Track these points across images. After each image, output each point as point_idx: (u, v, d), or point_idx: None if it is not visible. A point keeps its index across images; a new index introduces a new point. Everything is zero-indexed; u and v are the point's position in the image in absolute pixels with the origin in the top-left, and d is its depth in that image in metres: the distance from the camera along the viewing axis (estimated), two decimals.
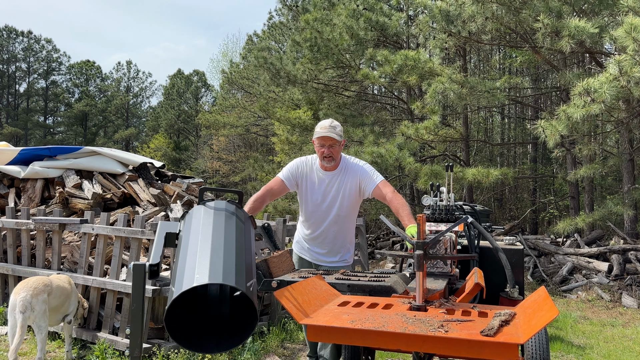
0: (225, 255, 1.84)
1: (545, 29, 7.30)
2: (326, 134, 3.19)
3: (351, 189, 3.37)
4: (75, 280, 4.63)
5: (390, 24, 11.03)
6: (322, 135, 3.21)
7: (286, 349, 4.67)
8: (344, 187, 3.35)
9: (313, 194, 3.36)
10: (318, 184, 3.35)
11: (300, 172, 3.36)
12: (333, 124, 3.27)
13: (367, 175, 3.39)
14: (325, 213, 3.35)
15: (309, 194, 3.36)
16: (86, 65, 52.05)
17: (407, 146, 9.49)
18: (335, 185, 3.35)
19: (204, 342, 1.83)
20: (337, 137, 3.22)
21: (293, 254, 3.53)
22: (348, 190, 3.36)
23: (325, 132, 3.20)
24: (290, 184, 3.34)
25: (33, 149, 6.43)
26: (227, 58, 31.06)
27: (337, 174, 3.36)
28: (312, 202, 3.35)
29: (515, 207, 17.60)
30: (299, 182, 3.37)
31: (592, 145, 9.33)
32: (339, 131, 3.27)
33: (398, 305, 1.99)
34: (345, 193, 3.35)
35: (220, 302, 1.96)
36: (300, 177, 3.36)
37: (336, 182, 3.35)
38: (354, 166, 3.43)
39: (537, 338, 2.89)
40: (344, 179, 3.37)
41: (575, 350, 4.99)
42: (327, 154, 3.24)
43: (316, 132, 3.27)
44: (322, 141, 3.23)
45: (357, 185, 3.37)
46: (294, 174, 3.35)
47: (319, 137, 3.23)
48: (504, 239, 5.04)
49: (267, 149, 22.91)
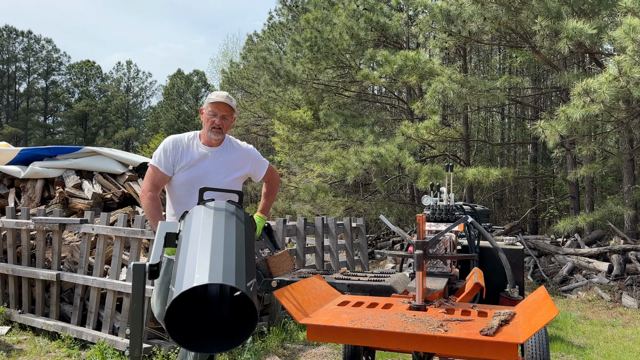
0: (225, 255, 1.84)
1: (544, 31, 7.30)
2: (223, 101, 2.90)
3: (237, 169, 3.07)
4: (75, 280, 4.63)
5: (391, 24, 11.03)
6: (217, 101, 2.90)
7: (286, 349, 4.67)
8: (229, 165, 3.03)
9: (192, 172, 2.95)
10: (199, 161, 2.97)
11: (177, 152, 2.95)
12: (230, 96, 3.00)
13: (258, 159, 3.19)
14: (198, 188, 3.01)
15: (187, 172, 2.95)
16: (86, 65, 52.04)
17: (407, 146, 9.49)
18: (219, 161, 3.00)
19: (204, 342, 1.83)
20: (232, 107, 2.95)
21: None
22: (234, 170, 3.05)
23: (222, 99, 2.91)
24: (168, 170, 2.93)
25: (33, 149, 6.42)
26: (227, 58, 31.04)
27: (221, 151, 3.02)
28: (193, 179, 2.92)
29: (515, 207, 17.60)
30: (177, 163, 2.95)
31: (592, 145, 9.33)
32: (234, 104, 2.99)
33: (398, 305, 1.99)
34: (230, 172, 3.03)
35: (221, 302, 1.96)
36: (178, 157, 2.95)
37: (220, 159, 3.01)
38: (242, 146, 3.16)
39: (537, 338, 2.89)
40: (229, 157, 3.05)
41: (575, 350, 4.99)
42: (217, 124, 2.91)
43: (210, 99, 2.95)
44: (215, 109, 2.91)
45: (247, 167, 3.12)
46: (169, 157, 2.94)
47: (214, 103, 2.91)
48: (504, 239, 5.04)
49: (267, 149, 22.91)
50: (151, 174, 2.96)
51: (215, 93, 2.99)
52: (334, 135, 11.67)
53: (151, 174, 2.96)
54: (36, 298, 4.98)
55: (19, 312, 5.00)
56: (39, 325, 4.75)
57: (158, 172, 2.94)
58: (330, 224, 6.10)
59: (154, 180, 2.94)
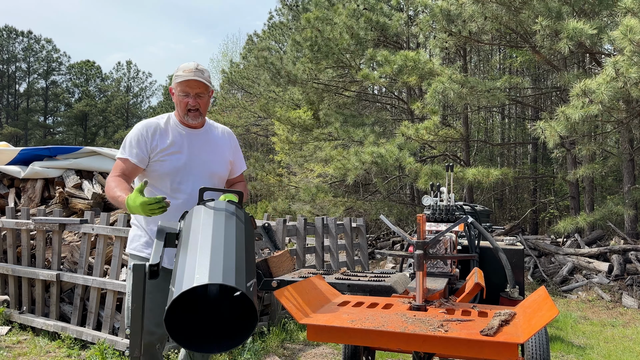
0: (226, 255, 1.84)
1: (544, 31, 7.30)
2: (192, 78, 2.38)
3: (222, 156, 2.64)
4: (75, 280, 4.63)
5: (391, 24, 11.04)
6: (187, 79, 2.39)
7: (286, 349, 4.67)
8: (215, 149, 2.61)
9: (172, 161, 2.49)
10: (177, 146, 2.50)
11: (151, 140, 2.48)
12: (200, 67, 2.46)
13: (240, 152, 2.79)
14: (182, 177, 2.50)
15: (169, 158, 2.49)
16: (86, 65, 52.06)
17: (408, 146, 9.49)
18: (203, 145, 2.56)
19: (204, 342, 1.84)
20: (206, 82, 2.43)
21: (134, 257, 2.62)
22: (219, 154, 2.62)
23: (192, 75, 2.39)
24: (142, 161, 2.47)
25: (33, 149, 6.42)
26: (227, 58, 31.00)
27: (203, 134, 2.58)
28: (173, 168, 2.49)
29: (516, 207, 17.60)
30: (153, 151, 2.48)
31: (592, 145, 9.34)
32: (207, 77, 2.47)
33: (398, 305, 1.99)
34: (215, 156, 2.60)
35: (221, 302, 1.97)
36: (155, 144, 2.48)
37: (204, 142, 2.57)
38: (226, 131, 2.73)
39: (537, 338, 2.89)
40: (214, 140, 2.62)
41: (575, 351, 4.98)
42: (192, 105, 2.44)
43: (177, 77, 2.43)
44: (186, 88, 2.41)
45: (230, 155, 2.69)
46: (144, 146, 2.47)
47: (183, 82, 2.40)
48: (504, 239, 5.04)
49: (267, 149, 22.92)
50: (120, 165, 2.46)
51: (182, 67, 2.46)
52: (334, 135, 11.68)
53: (120, 166, 2.46)
54: (36, 298, 4.98)
55: (19, 312, 5.00)
56: (39, 326, 4.76)
57: (129, 164, 2.46)
58: (330, 224, 6.10)
59: (124, 170, 2.45)
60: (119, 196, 2.27)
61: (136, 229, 2.63)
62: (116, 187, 2.33)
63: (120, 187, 2.32)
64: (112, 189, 2.35)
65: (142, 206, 2.11)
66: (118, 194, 2.29)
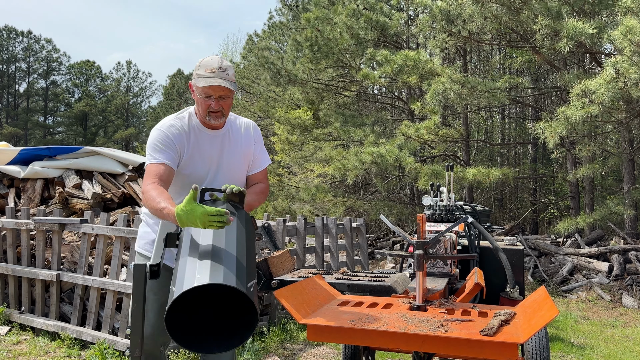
0: (226, 255, 1.85)
1: (544, 30, 7.31)
2: (217, 83, 2.24)
3: (244, 154, 2.52)
4: (75, 280, 4.63)
5: (391, 24, 11.04)
6: (211, 85, 2.24)
7: (286, 349, 4.67)
8: (235, 150, 2.48)
9: (194, 162, 2.39)
10: (200, 152, 2.40)
11: (179, 142, 2.35)
12: (224, 65, 2.29)
13: (262, 146, 2.61)
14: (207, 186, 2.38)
15: (190, 163, 2.39)
16: (86, 65, 52.06)
17: (408, 146, 9.50)
18: (224, 148, 2.45)
19: (204, 342, 1.84)
20: (231, 86, 2.27)
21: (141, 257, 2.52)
22: (240, 156, 2.51)
23: (215, 78, 2.24)
24: (174, 162, 2.34)
25: (33, 149, 6.42)
26: (227, 58, 30.98)
27: (225, 133, 2.47)
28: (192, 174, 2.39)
29: (516, 207, 17.60)
30: (183, 153, 2.38)
31: (592, 145, 9.34)
32: (232, 75, 2.31)
33: (398, 305, 1.99)
34: (236, 158, 2.49)
35: (221, 302, 1.97)
36: (180, 148, 2.36)
37: (225, 144, 2.46)
38: (250, 126, 2.58)
39: (537, 338, 2.89)
40: (234, 139, 2.50)
41: (575, 351, 4.98)
42: (215, 108, 2.31)
43: (200, 77, 2.27)
44: (209, 90, 2.27)
45: (251, 151, 2.55)
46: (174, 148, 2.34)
47: (208, 87, 2.25)
48: (504, 239, 5.04)
49: (267, 149, 22.88)
50: (154, 171, 2.27)
51: (204, 64, 2.29)
52: (334, 135, 11.68)
53: (154, 171, 2.26)
54: (36, 298, 4.98)
55: (19, 312, 5.00)
56: (39, 326, 4.75)
57: (166, 169, 2.28)
58: (330, 224, 6.10)
59: (160, 176, 2.26)
60: (163, 207, 2.05)
61: (145, 226, 2.52)
62: (158, 197, 2.10)
63: (162, 197, 2.10)
64: (153, 199, 2.11)
65: (203, 217, 1.86)
66: (162, 205, 2.06)
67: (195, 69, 2.32)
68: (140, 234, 2.53)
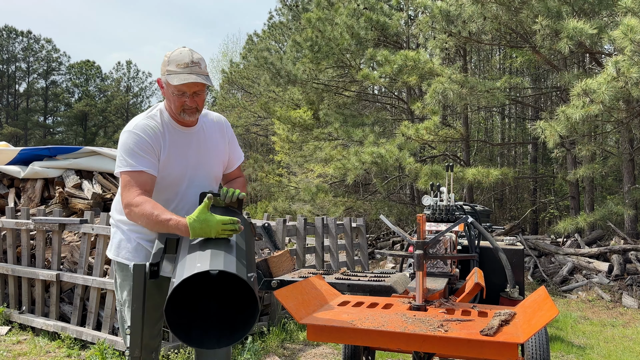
0: (227, 249, 1.87)
1: (544, 30, 7.31)
2: (192, 80, 2.09)
3: (220, 151, 2.42)
4: (75, 280, 4.63)
5: (391, 24, 11.04)
6: (185, 83, 2.10)
7: (286, 349, 4.67)
8: (211, 148, 2.37)
9: (171, 163, 2.25)
10: (177, 153, 2.26)
11: (157, 143, 2.20)
12: (195, 58, 2.14)
13: (235, 141, 2.52)
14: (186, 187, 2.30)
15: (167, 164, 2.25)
16: (86, 65, 52.04)
17: (407, 146, 9.50)
18: (200, 146, 2.33)
19: (204, 338, 1.84)
20: (205, 80, 2.14)
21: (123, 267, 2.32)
22: (216, 153, 2.40)
23: (189, 74, 2.10)
24: (154, 167, 2.19)
25: (33, 149, 6.42)
26: (227, 58, 31.01)
27: (199, 131, 2.35)
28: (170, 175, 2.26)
29: (516, 207, 17.60)
30: (159, 157, 2.23)
31: (592, 145, 9.34)
32: (204, 68, 2.17)
33: (398, 305, 1.99)
34: (212, 156, 2.39)
35: (222, 295, 1.97)
36: (157, 151, 2.22)
37: (201, 142, 2.34)
38: (220, 121, 2.46)
39: (537, 338, 2.90)
40: (209, 137, 2.38)
41: (575, 351, 4.98)
42: (191, 105, 2.18)
43: (171, 73, 2.12)
44: (184, 88, 2.12)
45: (226, 149, 2.46)
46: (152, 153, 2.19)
47: (182, 85, 2.11)
48: (504, 239, 5.04)
49: (267, 149, 22.91)
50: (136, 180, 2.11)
51: (173, 59, 2.14)
52: (334, 135, 11.68)
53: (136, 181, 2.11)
54: (36, 298, 4.98)
55: (19, 312, 5.00)
56: (39, 326, 4.75)
57: (146, 177, 2.14)
58: (330, 224, 6.10)
59: (144, 185, 2.12)
60: (168, 219, 1.96)
61: (119, 233, 2.33)
62: (156, 210, 2.00)
63: (160, 209, 2.01)
64: (149, 212, 2.00)
65: (217, 226, 1.86)
66: (166, 217, 1.97)
67: (163, 64, 2.17)
68: (116, 243, 2.33)
